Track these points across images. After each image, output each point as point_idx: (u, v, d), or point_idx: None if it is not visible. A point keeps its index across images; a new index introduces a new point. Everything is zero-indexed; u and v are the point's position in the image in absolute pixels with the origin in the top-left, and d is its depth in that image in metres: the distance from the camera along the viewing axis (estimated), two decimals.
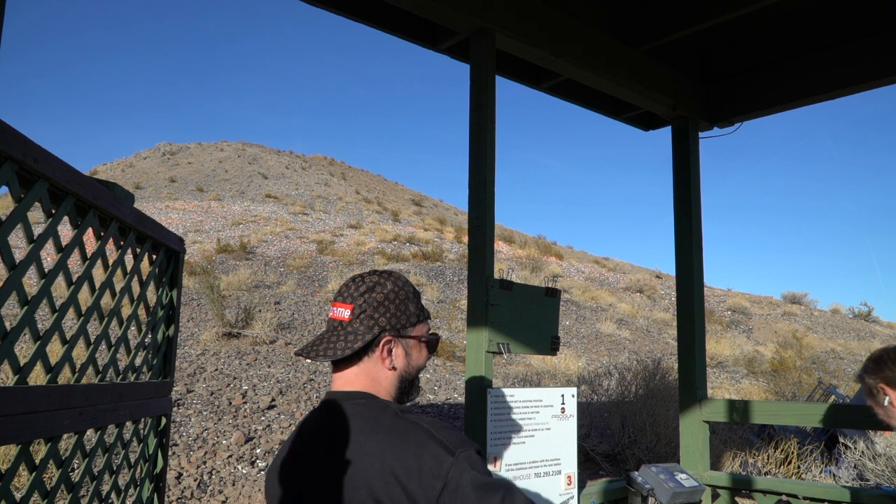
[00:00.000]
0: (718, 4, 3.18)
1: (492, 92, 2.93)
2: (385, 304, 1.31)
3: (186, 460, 5.02)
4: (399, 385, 1.33)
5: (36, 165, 1.37)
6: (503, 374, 9.29)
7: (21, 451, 1.42)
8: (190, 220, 22.41)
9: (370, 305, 1.30)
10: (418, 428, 1.18)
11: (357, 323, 1.29)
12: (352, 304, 1.30)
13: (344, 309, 1.31)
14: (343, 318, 1.30)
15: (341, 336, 1.29)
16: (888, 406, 2.09)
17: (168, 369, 2.34)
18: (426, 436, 1.15)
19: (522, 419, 2.69)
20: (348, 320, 1.30)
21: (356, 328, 1.29)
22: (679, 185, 3.97)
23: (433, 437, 1.15)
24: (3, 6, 1.34)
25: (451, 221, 32.38)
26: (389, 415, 1.22)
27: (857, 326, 19.65)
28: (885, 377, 2.08)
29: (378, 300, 1.30)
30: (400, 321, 1.32)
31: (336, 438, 1.21)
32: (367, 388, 1.30)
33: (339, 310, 1.32)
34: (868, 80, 3.51)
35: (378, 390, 1.30)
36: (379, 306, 1.30)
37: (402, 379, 1.33)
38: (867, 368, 2.17)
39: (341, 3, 3.11)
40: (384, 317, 1.30)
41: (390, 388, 1.32)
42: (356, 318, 1.29)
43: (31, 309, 1.41)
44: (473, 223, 2.84)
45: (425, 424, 1.19)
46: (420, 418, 1.22)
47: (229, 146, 63.20)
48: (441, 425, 1.20)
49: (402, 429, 1.17)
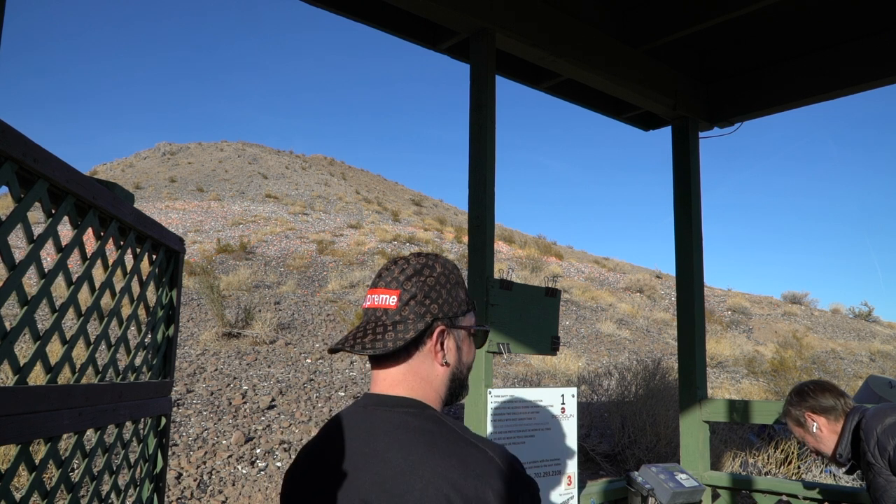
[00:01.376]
0: (718, 4, 3.18)
1: (492, 92, 2.93)
2: (437, 289, 1.14)
3: (186, 460, 5.02)
4: (450, 385, 1.17)
5: (36, 165, 1.37)
6: (503, 374, 9.29)
7: (21, 451, 1.42)
8: (190, 220, 22.41)
9: (420, 290, 1.12)
10: (483, 454, 1.01)
11: (406, 311, 1.12)
12: (398, 290, 1.12)
13: (388, 295, 1.13)
14: (388, 305, 1.12)
15: (388, 326, 1.11)
16: (816, 432, 2.34)
17: (168, 369, 2.34)
18: (491, 465, 1.00)
19: (522, 419, 2.69)
20: (395, 307, 1.12)
21: (405, 317, 1.11)
22: (679, 185, 3.97)
23: (499, 469, 1.00)
24: (3, 6, 1.34)
25: (451, 221, 32.38)
26: (447, 431, 1.06)
27: (858, 326, 19.65)
28: (810, 406, 2.35)
29: (429, 284, 1.14)
30: (452, 309, 1.15)
31: (380, 451, 1.05)
32: (416, 391, 1.13)
33: (381, 297, 1.13)
34: (868, 80, 3.51)
35: (428, 394, 1.14)
36: (430, 291, 1.13)
37: (453, 377, 1.17)
38: (791, 402, 2.42)
39: (341, 3, 3.11)
40: (436, 303, 1.13)
41: (441, 388, 1.15)
42: (405, 304, 1.12)
43: (31, 309, 1.41)
44: (473, 223, 2.84)
45: (491, 452, 1.02)
46: (485, 442, 1.06)
47: (229, 146, 63.21)
48: (505, 453, 1.04)
49: (464, 451, 1.01)
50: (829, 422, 2.33)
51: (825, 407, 2.34)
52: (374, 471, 1.03)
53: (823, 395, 2.37)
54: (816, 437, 2.35)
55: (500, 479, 0.98)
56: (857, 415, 2.29)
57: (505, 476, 0.99)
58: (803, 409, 2.37)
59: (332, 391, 6.96)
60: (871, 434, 2.16)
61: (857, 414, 2.29)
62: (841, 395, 2.38)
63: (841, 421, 2.31)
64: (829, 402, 2.35)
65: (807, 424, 2.37)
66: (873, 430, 2.16)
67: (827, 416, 2.33)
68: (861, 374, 13.72)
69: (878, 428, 2.15)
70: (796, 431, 2.42)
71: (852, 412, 2.31)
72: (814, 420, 2.35)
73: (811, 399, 2.37)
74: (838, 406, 2.34)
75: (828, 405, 2.34)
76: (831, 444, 2.32)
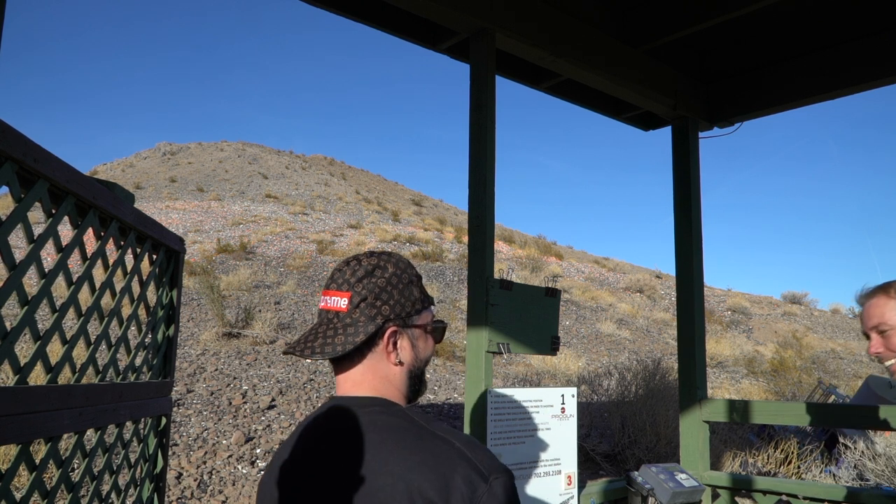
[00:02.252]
0: (718, 4, 3.18)
1: (492, 92, 2.93)
2: (388, 290, 1.14)
3: (186, 460, 5.02)
4: (409, 382, 1.18)
5: (36, 165, 1.37)
6: (503, 374, 9.29)
7: (21, 451, 1.42)
8: (190, 220, 22.41)
9: (371, 292, 1.13)
10: (449, 445, 1.03)
11: (357, 313, 1.13)
12: (349, 292, 1.13)
13: (340, 297, 1.14)
14: (339, 308, 1.13)
15: (339, 329, 1.12)
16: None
17: (168, 369, 2.34)
18: (458, 455, 1.01)
19: (522, 419, 2.69)
20: (346, 310, 1.13)
21: (356, 319, 1.12)
22: (679, 185, 3.97)
23: (466, 458, 1.01)
24: (3, 6, 1.34)
25: (451, 221, 32.38)
26: (415, 427, 1.07)
27: (857, 326, 19.62)
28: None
29: (380, 286, 1.14)
30: (405, 309, 1.16)
31: (350, 452, 1.06)
32: (379, 390, 1.15)
33: (333, 299, 1.15)
34: (869, 80, 3.51)
35: (391, 392, 1.16)
36: (381, 293, 1.14)
37: (410, 374, 1.18)
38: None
39: (341, 3, 3.11)
40: (387, 304, 1.14)
41: (402, 386, 1.17)
42: (355, 307, 1.12)
43: (32, 309, 1.41)
44: (473, 223, 2.84)
45: (458, 443, 1.04)
46: (452, 433, 1.07)
47: (229, 146, 63.22)
48: (475, 444, 1.06)
49: (432, 446, 1.03)
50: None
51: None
52: (346, 471, 1.04)
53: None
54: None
55: (469, 468, 0.99)
56: None
57: (473, 465, 1.00)
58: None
59: (333, 391, 6.96)
60: None
61: None
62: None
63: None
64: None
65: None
66: None
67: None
68: (861, 374, 13.71)
69: None
70: (891, 320, 1.77)
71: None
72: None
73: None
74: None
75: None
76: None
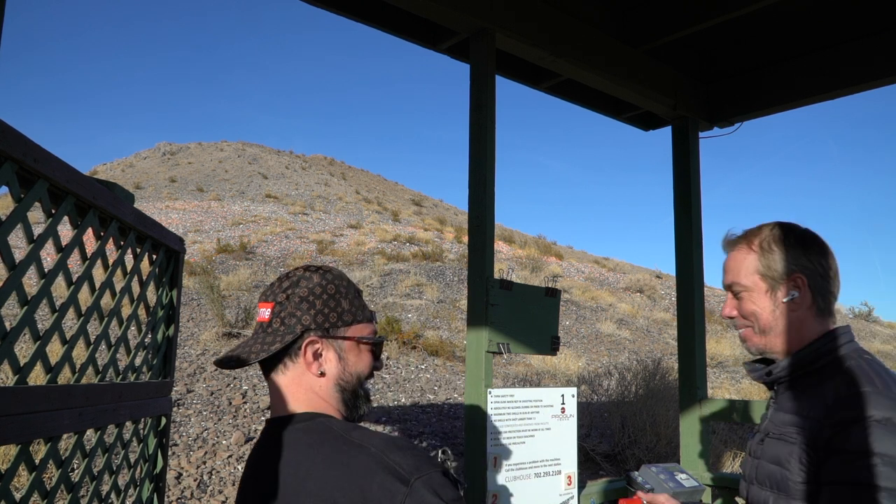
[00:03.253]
0: (719, 4, 3.18)
1: (492, 92, 2.93)
2: (309, 300, 1.13)
3: (186, 460, 5.02)
4: (339, 395, 1.14)
5: (36, 165, 1.37)
6: (503, 374, 9.29)
7: (21, 451, 1.42)
8: (190, 220, 22.41)
9: (291, 302, 1.12)
10: (364, 452, 0.98)
11: (277, 322, 1.12)
12: (272, 303, 1.13)
13: (265, 308, 1.14)
14: (264, 318, 1.14)
15: (259, 338, 1.13)
16: (787, 305, 1.35)
17: (168, 369, 2.34)
18: (373, 462, 0.97)
19: (522, 419, 2.69)
20: (268, 320, 1.13)
21: (276, 329, 1.12)
22: (679, 185, 3.97)
23: (382, 464, 0.96)
24: (3, 6, 1.34)
25: (451, 221, 32.38)
26: (331, 438, 1.03)
27: (857, 326, 19.64)
28: (809, 263, 1.35)
29: (301, 295, 1.13)
30: (328, 319, 1.13)
31: (280, 473, 1.04)
32: (308, 403, 1.12)
33: (261, 310, 1.15)
34: (869, 80, 3.51)
35: (321, 405, 1.12)
36: (301, 302, 1.12)
37: (339, 388, 1.14)
38: (773, 239, 1.38)
39: (341, 3, 3.11)
40: (307, 314, 1.12)
41: (329, 398, 1.13)
42: (276, 316, 1.12)
43: (31, 309, 1.41)
44: (473, 223, 2.84)
45: (374, 448, 0.99)
46: (369, 439, 1.02)
47: (229, 146, 63.21)
48: (395, 445, 1.00)
49: (345, 455, 0.99)
50: (814, 306, 1.34)
51: (830, 288, 1.35)
52: (278, 494, 1.03)
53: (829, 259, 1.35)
54: (776, 314, 1.35)
55: (386, 473, 0.95)
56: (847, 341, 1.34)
57: (391, 469, 0.96)
58: (796, 261, 1.33)
59: None
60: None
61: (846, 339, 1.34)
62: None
63: (828, 319, 1.36)
64: (836, 286, 1.36)
65: (779, 285, 1.34)
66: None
67: (822, 299, 1.34)
68: None
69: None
70: (745, 280, 1.37)
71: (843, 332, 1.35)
72: (799, 287, 1.33)
73: (817, 254, 1.34)
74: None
75: (834, 288, 1.36)
76: (792, 339, 1.34)
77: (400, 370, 8.46)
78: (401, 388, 7.80)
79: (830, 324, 1.36)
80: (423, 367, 8.71)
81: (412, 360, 8.89)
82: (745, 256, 1.39)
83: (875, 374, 1.23)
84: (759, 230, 1.40)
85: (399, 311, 11.45)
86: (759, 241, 1.37)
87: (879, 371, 1.25)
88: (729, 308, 1.42)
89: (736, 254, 1.41)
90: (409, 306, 11.86)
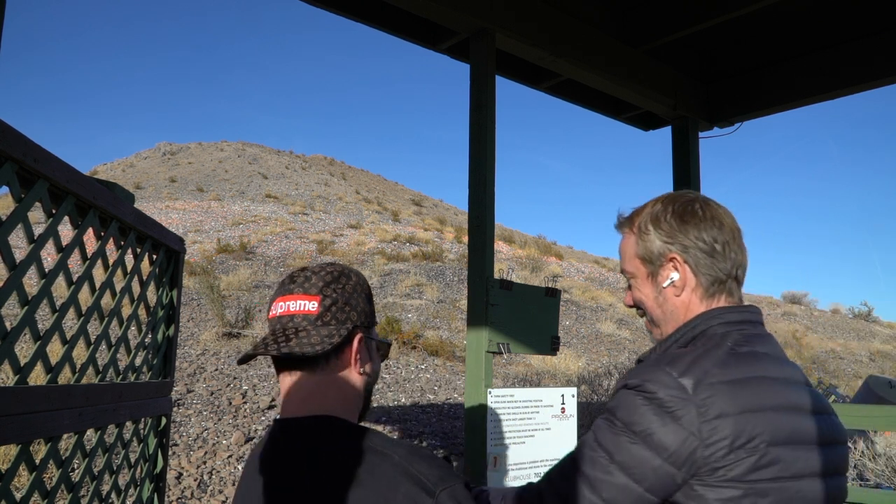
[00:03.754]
0: (719, 4, 3.18)
1: (492, 92, 2.93)
2: (355, 297, 1.10)
3: (186, 460, 5.02)
4: (365, 395, 1.12)
5: (36, 165, 1.37)
6: (503, 374, 9.29)
7: (21, 451, 1.42)
8: (190, 220, 22.41)
9: (341, 297, 1.08)
10: (388, 461, 0.95)
11: (328, 316, 1.06)
12: (318, 295, 1.06)
13: (308, 301, 1.06)
14: (309, 311, 1.05)
15: (311, 331, 1.05)
16: (667, 290, 1.19)
17: (168, 369, 2.34)
18: (398, 471, 0.93)
19: (522, 419, 2.69)
20: (317, 312, 1.05)
21: (328, 321, 1.05)
22: (679, 185, 3.97)
23: (407, 473, 0.93)
24: (3, 6, 1.34)
25: (451, 221, 32.38)
26: (352, 445, 0.98)
27: (857, 326, 19.65)
28: (689, 241, 1.16)
29: (348, 291, 1.09)
30: (368, 318, 1.12)
31: (296, 480, 0.99)
32: (329, 405, 1.06)
33: (299, 302, 1.06)
34: (869, 80, 3.51)
35: (341, 408, 1.07)
36: (350, 298, 1.09)
37: (367, 387, 1.12)
38: (658, 216, 1.21)
39: (341, 3, 3.11)
40: (355, 311, 1.09)
41: (358, 400, 1.10)
42: (327, 309, 1.06)
43: (32, 309, 1.41)
44: (473, 223, 2.84)
45: (398, 456, 0.96)
46: (393, 447, 0.98)
47: (229, 146, 63.23)
48: (418, 454, 0.97)
49: (371, 466, 0.94)
50: (699, 287, 1.16)
51: (718, 264, 1.16)
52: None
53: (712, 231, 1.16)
54: (660, 301, 1.20)
55: (412, 484, 0.92)
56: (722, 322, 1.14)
57: (416, 479, 0.93)
58: (672, 239, 1.17)
59: None
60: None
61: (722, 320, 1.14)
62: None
63: (718, 300, 1.17)
64: (726, 260, 1.16)
65: (658, 269, 1.19)
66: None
67: (706, 278, 1.16)
68: (861, 374, 13.72)
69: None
70: (628, 266, 1.25)
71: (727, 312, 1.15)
72: (679, 269, 1.17)
73: (696, 228, 1.16)
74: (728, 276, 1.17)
75: (722, 264, 1.15)
76: (673, 320, 1.19)
77: (400, 370, 8.46)
78: (401, 388, 7.80)
79: (719, 304, 1.16)
80: (423, 367, 8.71)
81: (412, 360, 8.90)
82: (627, 240, 1.25)
83: (706, 352, 1.05)
84: (641, 209, 1.25)
85: (399, 311, 11.45)
86: (639, 222, 1.22)
87: (710, 350, 1.06)
88: (627, 297, 1.28)
89: (622, 238, 1.27)
90: (409, 306, 11.86)
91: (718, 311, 1.15)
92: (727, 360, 1.04)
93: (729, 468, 0.96)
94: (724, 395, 0.98)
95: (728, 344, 1.08)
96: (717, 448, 0.96)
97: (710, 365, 1.02)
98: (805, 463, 1.01)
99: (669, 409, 0.98)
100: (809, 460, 1.02)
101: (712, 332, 1.12)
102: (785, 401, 1.04)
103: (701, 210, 1.17)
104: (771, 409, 1.01)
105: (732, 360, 1.04)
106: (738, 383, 1.01)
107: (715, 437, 0.96)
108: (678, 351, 1.09)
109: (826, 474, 1.04)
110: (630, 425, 1.00)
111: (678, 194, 1.23)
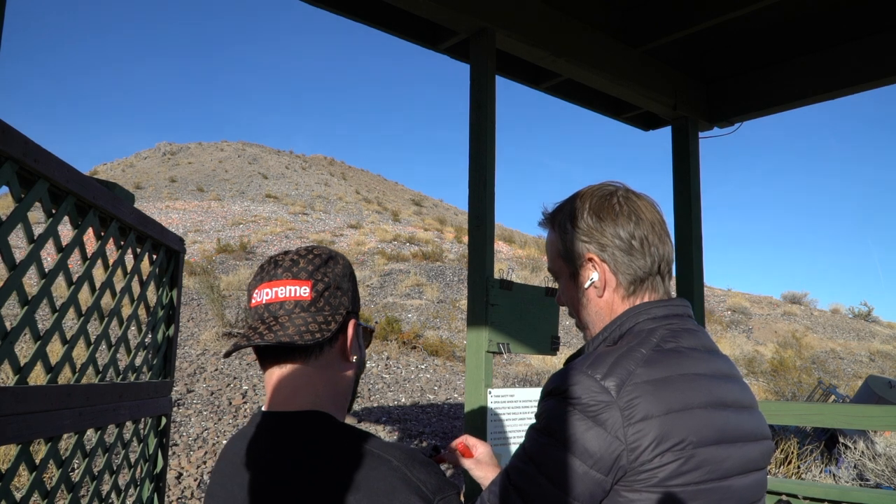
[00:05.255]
0: (719, 4, 3.18)
1: (492, 92, 2.93)
2: (346, 282, 1.02)
3: (186, 460, 5.02)
4: (353, 386, 1.06)
5: (36, 165, 1.37)
6: (503, 374, 9.29)
7: (21, 451, 1.42)
8: (190, 220, 22.41)
9: (333, 282, 1.00)
10: (386, 465, 0.91)
11: (322, 302, 0.98)
12: (309, 280, 0.98)
13: (298, 286, 0.97)
14: (301, 297, 0.97)
15: (307, 318, 0.97)
16: (588, 290, 1.15)
17: (168, 369, 2.34)
18: (396, 476, 0.90)
19: (522, 419, 2.69)
20: (310, 298, 0.97)
21: (321, 308, 0.98)
22: (679, 185, 3.98)
23: (405, 479, 0.90)
24: (3, 6, 1.34)
25: (451, 221, 32.38)
26: (349, 446, 0.94)
27: (857, 326, 19.65)
28: (606, 239, 1.12)
29: (339, 275, 1.01)
30: (356, 303, 1.05)
31: (284, 483, 0.93)
32: (322, 399, 0.99)
33: (288, 288, 0.97)
34: (870, 80, 3.51)
35: (330, 401, 1.00)
36: (341, 282, 1.01)
37: (356, 377, 1.06)
38: (575, 212, 1.17)
39: (341, 3, 3.11)
40: (346, 296, 1.01)
41: (347, 391, 1.04)
42: (320, 295, 0.98)
43: (32, 309, 1.41)
44: (473, 223, 2.84)
45: (396, 461, 0.92)
46: (388, 449, 0.94)
47: (229, 146, 63.26)
48: (416, 460, 0.94)
49: (368, 470, 0.91)
50: (620, 287, 1.12)
51: (636, 262, 1.11)
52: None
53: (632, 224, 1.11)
54: (584, 302, 1.16)
55: (410, 492, 0.89)
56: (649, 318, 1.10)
57: (415, 487, 0.90)
58: (590, 237, 1.13)
59: None
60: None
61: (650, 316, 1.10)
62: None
63: (642, 297, 1.13)
64: (645, 257, 1.11)
65: (579, 269, 1.15)
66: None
67: (625, 277, 1.11)
68: (861, 374, 13.72)
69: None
70: (552, 265, 1.21)
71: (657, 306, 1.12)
72: (598, 268, 1.13)
73: (612, 225, 1.11)
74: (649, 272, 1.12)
75: (641, 261, 1.11)
76: (599, 321, 1.14)
77: (400, 370, 8.46)
78: (401, 388, 7.80)
79: (643, 301, 1.12)
80: (423, 367, 8.71)
81: (412, 360, 8.90)
82: (550, 237, 1.20)
83: (629, 351, 1.02)
84: (563, 205, 1.19)
85: (399, 311, 11.45)
86: (559, 219, 1.17)
87: (634, 348, 1.02)
88: (557, 297, 1.23)
89: (546, 235, 1.22)
90: (409, 306, 11.86)
91: (644, 306, 1.11)
92: (651, 359, 1.00)
93: (655, 472, 0.92)
94: (648, 396, 0.94)
95: (653, 341, 1.04)
96: (642, 452, 0.92)
97: (634, 365, 0.98)
98: (734, 462, 0.98)
99: (592, 414, 0.94)
100: (738, 458, 0.99)
101: (639, 328, 1.08)
102: (712, 398, 1.00)
103: (619, 205, 1.12)
104: (698, 406, 0.97)
105: (657, 357, 1.00)
106: (664, 382, 0.97)
107: (640, 441, 0.92)
108: (602, 350, 1.05)
109: (754, 470, 1.02)
110: (554, 433, 0.97)
111: (598, 187, 1.17)
